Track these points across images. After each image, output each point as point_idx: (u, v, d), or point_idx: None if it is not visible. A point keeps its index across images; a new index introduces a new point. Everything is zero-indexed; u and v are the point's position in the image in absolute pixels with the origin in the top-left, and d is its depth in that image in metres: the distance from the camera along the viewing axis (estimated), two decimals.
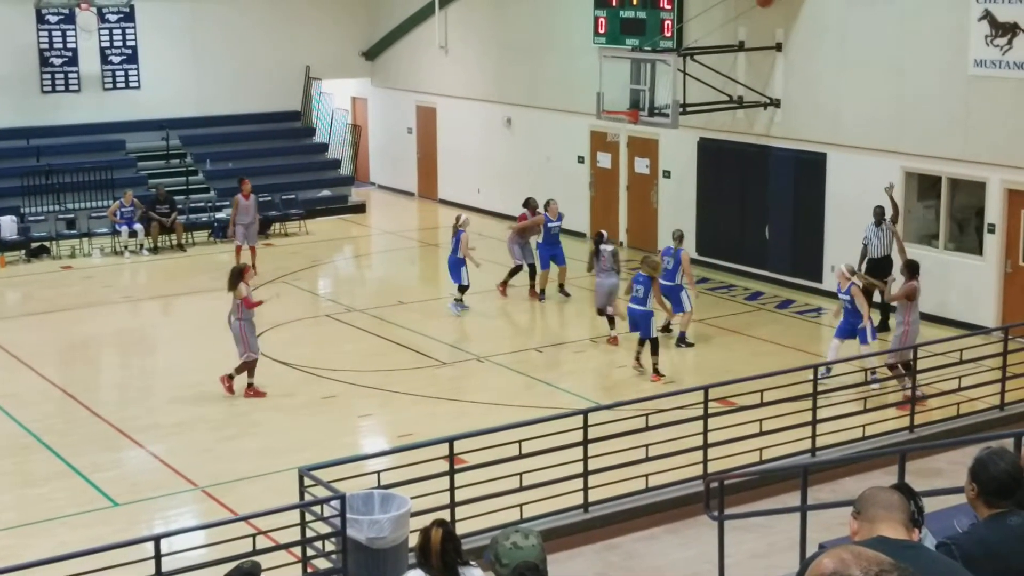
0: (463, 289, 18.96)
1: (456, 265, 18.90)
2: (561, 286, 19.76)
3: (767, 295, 19.85)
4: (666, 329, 17.16)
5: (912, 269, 15.00)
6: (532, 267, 19.75)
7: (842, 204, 19.07)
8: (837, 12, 18.83)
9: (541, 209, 19.96)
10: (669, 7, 20.53)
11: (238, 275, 15.56)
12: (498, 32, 25.69)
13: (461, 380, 16.22)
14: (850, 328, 15.20)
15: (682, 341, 17.10)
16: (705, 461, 11.81)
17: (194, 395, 15.63)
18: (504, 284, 19.70)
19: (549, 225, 19.70)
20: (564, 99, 23.87)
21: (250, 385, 15.37)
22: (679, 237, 17.54)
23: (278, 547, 9.84)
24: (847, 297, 15.14)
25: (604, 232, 18.43)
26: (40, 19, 25.56)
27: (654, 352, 15.67)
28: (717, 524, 9.88)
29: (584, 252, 22.80)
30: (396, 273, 21.70)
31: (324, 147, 28.99)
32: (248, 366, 15.31)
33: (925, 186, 18.36)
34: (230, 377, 15.33)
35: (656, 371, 15.62)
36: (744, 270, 20.83)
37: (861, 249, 17.44)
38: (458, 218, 19.33)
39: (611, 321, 17.20)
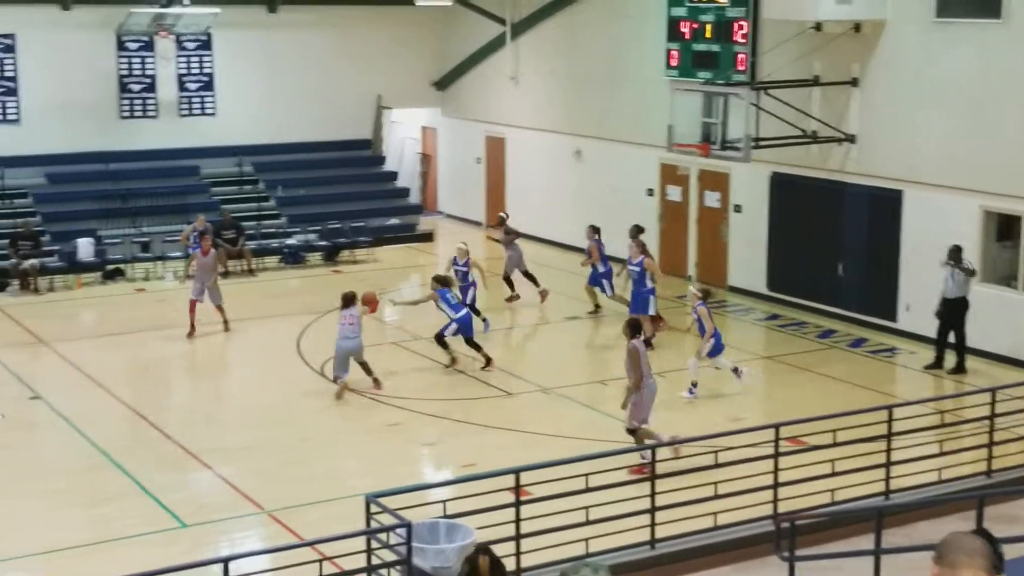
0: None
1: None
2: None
3: (839, 333, 19.59)
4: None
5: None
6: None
7: (918, 242, 18.80)
8: (915, 47, 18.62)
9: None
10: (743, 41, 20.45)
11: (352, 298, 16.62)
12: (569, 63, 25.72)
13: (527, 411, 16.14)
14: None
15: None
16: (776, 500, 11.61)
17: (262, 418, 15.72)
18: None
19: (630, 267, 19.33)
20: (634, 131, 23.82)
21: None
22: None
23: (343, 574, 9.82)
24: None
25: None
26: (120, 46, 26.01)
27: None
28: (787, 565, 9.70)
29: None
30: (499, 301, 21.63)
31: (393, 175, 29.16)
32: None
33: (1004, 226, 18.03)
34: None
35: None
36: (816, 307, 20.58)
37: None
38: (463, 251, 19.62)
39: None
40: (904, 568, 9.42)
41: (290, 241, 25.29)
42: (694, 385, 16.33)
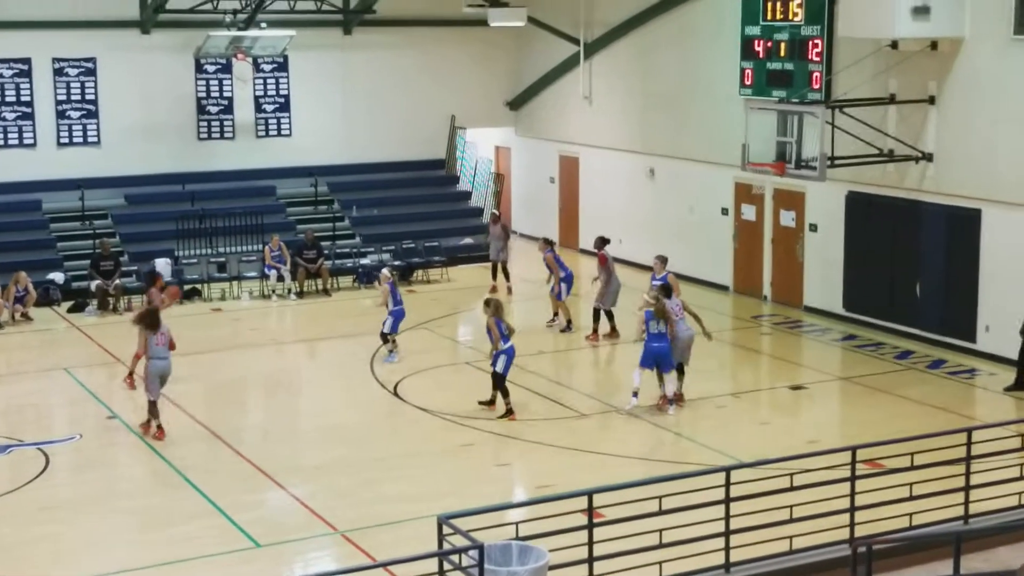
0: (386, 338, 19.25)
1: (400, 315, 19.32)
2: None
3: (917, 354, 19.29)
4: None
5: None
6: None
7: (997, 262, 18.48)
8: (992, 64, 18.34)
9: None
10: (818, 59, 20.31)
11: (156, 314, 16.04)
12: (642, 82, 25.68)
13: (600, 432, 16.08)
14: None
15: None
16: (852, 524, 11.45)
17: (336, 438, 15.82)
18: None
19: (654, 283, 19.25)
20: (708, 150, 23.71)
21: (148, 423, 15.69)
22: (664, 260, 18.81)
23: None
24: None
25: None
26: (199, 68, 26.43)
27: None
28: None
29: (726, 306, 22.59)
30: (536, 322, 21.68)
31: (467, 195, 29.28)
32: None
33: None
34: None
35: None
36: (893, 328, 20.29)
37: None
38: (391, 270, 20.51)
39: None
40: None
41: (364, 261, 25.47)
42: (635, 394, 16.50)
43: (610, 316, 20.28)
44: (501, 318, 16.49)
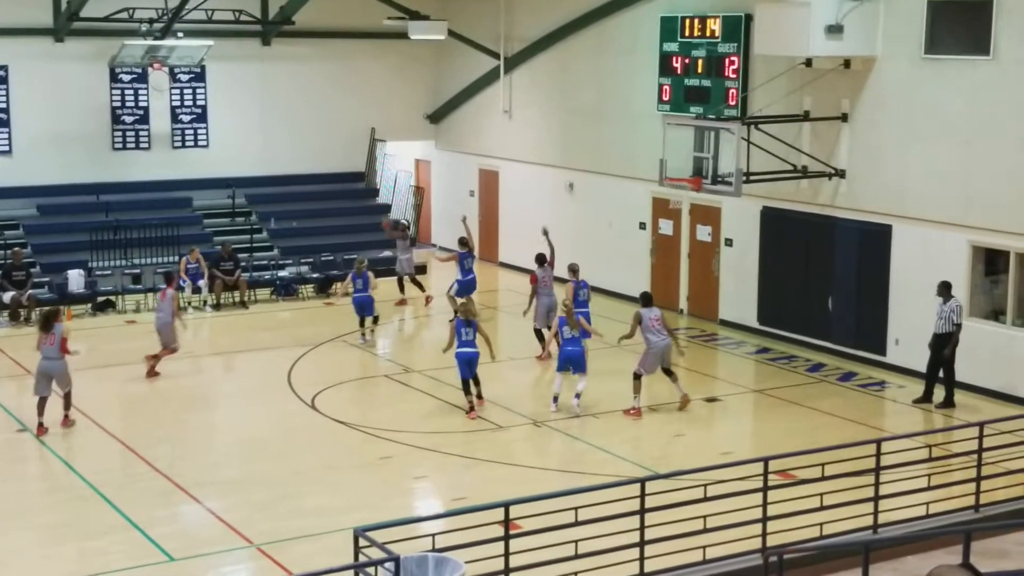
0: (375, 320, 21.49)
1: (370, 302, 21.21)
2: None
3: (829, 367, 19.63)
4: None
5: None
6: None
7: (907, 277, 18.87)
8: (904, 83, 18.75)
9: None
10: (734, 76, 20.65)
11: (54, 316, 16.47)
12: (562, 97, 25.86)
13: (517, 444, 16.14)
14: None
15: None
16: (764, 534, 11.62)
17: (252, 451, 15.70)
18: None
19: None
20: (627, 165, 23.93)
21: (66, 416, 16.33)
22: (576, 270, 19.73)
23: None
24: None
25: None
26: (113, 78, 26.11)
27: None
28: None
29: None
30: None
31: (387, 208, 29.23)
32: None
33: (992, 261, 18.11)
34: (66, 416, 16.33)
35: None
36: (806, 341, 20.62)
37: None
38: (361, 261, 21.80)
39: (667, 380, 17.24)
40: None
41: (282, 273, 25.32)
42: (555, 399, 17.15)
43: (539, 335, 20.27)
44: (464, 321, 17.14)
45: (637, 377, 17.14)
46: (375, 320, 21.57)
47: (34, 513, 13.69)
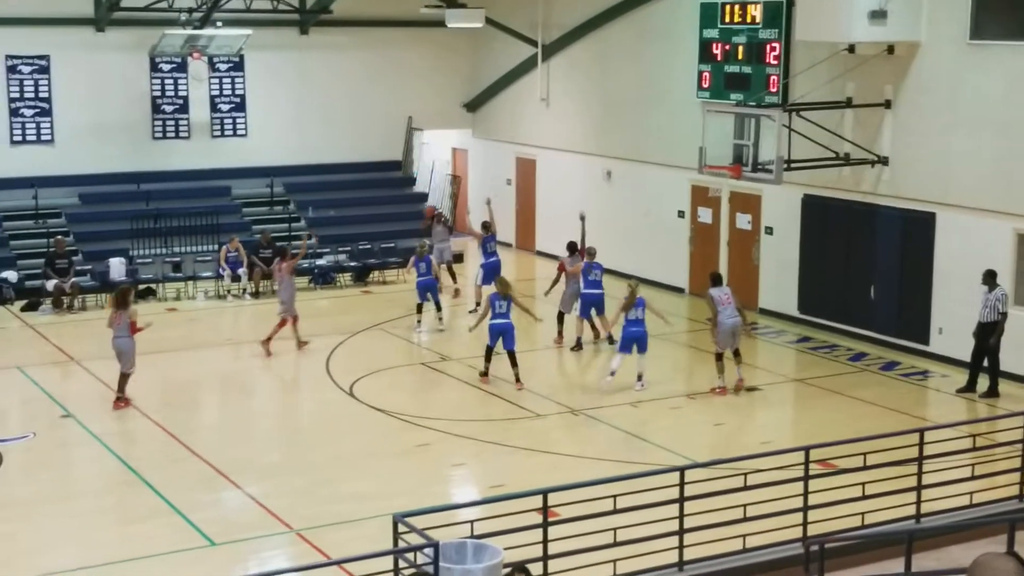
0: (439, 308, 21.30)
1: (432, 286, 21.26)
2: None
3: (871, 356, 19.46)
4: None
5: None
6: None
7: (951, 265, 18.68)
8: (949, 69, 18.54)
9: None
10: (775, 63, 20.47)
11: (127, 293, 17.07)
12: (600, 85, 25.76)
13: (555, 432, 16.11)
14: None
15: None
16: (805, 524, 11.51)
17: (291, 438, 15.76)
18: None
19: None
20: (665, 153, 23.81)
21: (119, 398, 16.61)
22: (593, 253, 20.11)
23: None
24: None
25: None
26: (154, 67, 26.25)
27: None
28: None
29: (682, 306, 22.69)
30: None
31: (424, 197, 29.25)
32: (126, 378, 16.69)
33: None
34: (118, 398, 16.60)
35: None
36: (848, 330, 20.46)
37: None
38: (423, 245, 21.79)
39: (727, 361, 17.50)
40: None
41: (320, 262, 25.39)
42: (611, 374, 17.46)
43: (560, 319, 20.37)
44: (500, 295, 17.71)
45: (719, 357, 17.28)
46: (439, 308, 21.41)
47: (77, 498, 13.80)
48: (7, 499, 13.60)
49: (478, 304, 21.47)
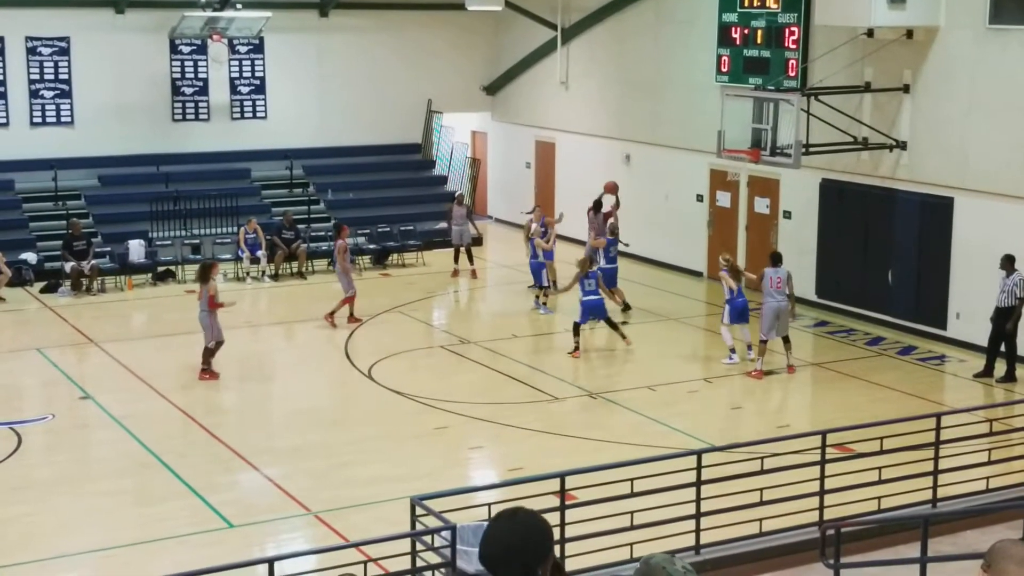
0: (543, 290, 21.32)
1: (537, 268, 21.36)
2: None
3: (888, 340, 19.44)
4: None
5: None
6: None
7: (969, 250, 18.62)
8: (968, 53, 18.45)
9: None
10: (794, 47, 20.41)
11: (209, 269, 17.52)
12: (619, 69, 25.71)
13: (573, 416, 16.15)
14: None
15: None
16: (821, 508, 11.55)
17: (310, 421, 15.84)
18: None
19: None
20: (684, 137, 23.77)
21: (205, 369, 17.20)
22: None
23: (388, 575, 9.86)
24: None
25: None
26: (173, 49, 26.31)
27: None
28: (832, 573, 9.65)
29: (699, 290, 22.69)
30: (510, 306, 21.73)
31: (443, 180, 29.28)
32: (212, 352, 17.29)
33: None
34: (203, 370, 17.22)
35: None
36: (865, 314, 20.44)
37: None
38: (530, 225, 21.94)
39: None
40: None
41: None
42: (732, 351, 17.89)
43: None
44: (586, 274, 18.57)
45: (763, 340, 17.49)
46: (541, 288, 21.53)
47: (95, 479, 13.91)
48: (25, 480, 13.73)
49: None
